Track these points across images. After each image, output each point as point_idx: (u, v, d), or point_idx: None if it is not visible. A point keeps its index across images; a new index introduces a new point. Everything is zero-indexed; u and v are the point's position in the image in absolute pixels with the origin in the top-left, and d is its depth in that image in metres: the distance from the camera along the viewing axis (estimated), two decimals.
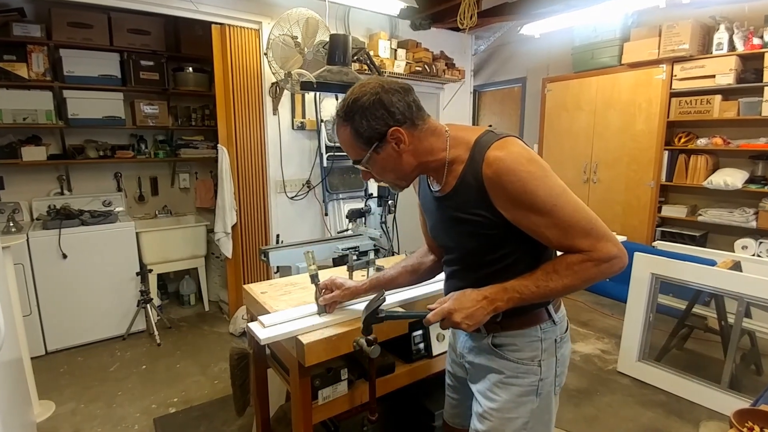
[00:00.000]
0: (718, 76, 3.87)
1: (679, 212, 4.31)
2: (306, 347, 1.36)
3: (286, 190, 3.83)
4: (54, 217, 3.44)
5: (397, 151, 1.16)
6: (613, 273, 1.09)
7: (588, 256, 1.07)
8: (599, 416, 2.65)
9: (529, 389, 1.23)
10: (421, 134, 1.17)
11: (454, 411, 1.53)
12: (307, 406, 1.50)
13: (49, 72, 3.67)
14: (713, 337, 3.16)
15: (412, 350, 1.77)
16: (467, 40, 5.07)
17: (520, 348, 1.23)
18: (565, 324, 1.30)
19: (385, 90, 1.13)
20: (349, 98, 1.15)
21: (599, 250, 1.06)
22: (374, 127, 1.13)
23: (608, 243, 1.07)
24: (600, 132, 4.74)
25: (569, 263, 1.09)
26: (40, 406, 2.69)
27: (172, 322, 3.99)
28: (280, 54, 3.16)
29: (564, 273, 1.09)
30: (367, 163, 1.19)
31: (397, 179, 1.23)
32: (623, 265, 1.09)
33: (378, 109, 1.12)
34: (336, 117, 1.19)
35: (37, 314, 3.31)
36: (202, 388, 2.95)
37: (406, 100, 1.14)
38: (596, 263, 1.07)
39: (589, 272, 1.08)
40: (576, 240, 1.07)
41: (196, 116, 4.64)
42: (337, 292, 1.51)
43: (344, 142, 1.20)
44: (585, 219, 1.08)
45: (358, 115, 1.13)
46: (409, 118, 1.15)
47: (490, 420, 1.26)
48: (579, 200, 1.09)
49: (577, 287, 1.11)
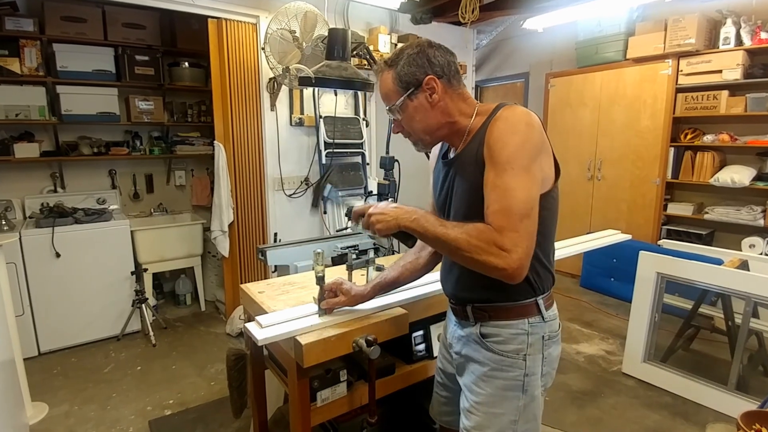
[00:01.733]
0: (725, 71, 3.86)
1: (685, 210, 4.30)
2: (304, 348, 1.36)
3: (284, 187, 3.83)
4: (47, 215, 3.44)
5: (429, 101, 1.24)
6: (490, 268, 1.07)
7: (490, 232, 1.07)
8: (604, 418, 2.64)
9: (513, 383, 1.26)
10: (454, 95, 1.26)
11: (443, 409, 1.56)
12: (306, 408, 1.49)
13: (42, 67, 3.66)
14: (720, 338, 3.16)
15: (412, 351, 1.77)
16: (469, 34, 5.07)
17: (506, 340, 1.26)
18: (555, 324, 1.32)
19: (431, 45, 1.25)
20: (397, 49, 1.28)
21: (503, 236, 1.05)
22: (414, 73, 1.22)
23: (516, 238, 1.05)
24: (604, 128, 4.74)
25: (476, 226, 1.10)
26: (33, 408, 2.68)
27: (167, 322, 3.99)
28: (278, 49, 3.15)
29: (465, 229, 1.10)
30: (399, 108, 1.26)
31: (423, 133, 1.29)
32: (509, 271, 1.05)
33: (421, 58, 1.22)
34: (382, 64, 1.29)
35: (29, 314, 3.31)
36: (198, 389, 2.95)
37: (447, 59, 1.25)
38: (487, 244, 1.06)
39: (478, 246, 1.07)
40: (497, 214, 1.08)
41: (192, 112, 4.64)
42: (342, 299, 1.52)
43: (384, 88, 1.29)
44: (520, 203, 1.07)
45: (402, 61, 1.23)
46: (446, 74, 1.24)
47: (476, 415, 1.29)
48: (532, 190, 1.10)
49: (461, 250, 1.10)
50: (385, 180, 2.88)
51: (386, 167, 2.86)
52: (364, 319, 1.52)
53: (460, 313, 1.36)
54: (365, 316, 1.53)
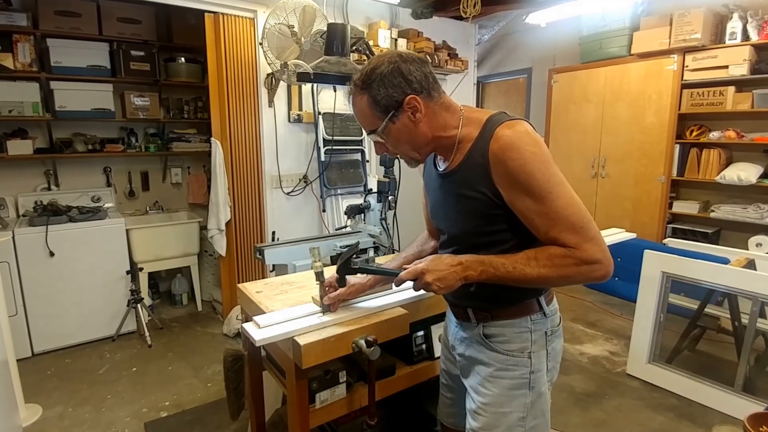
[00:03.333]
0: (731, 67, 3.84)
1: (691, 208, 4.29)
2: (303, 349, 1.35)
3: (282, 185, 3.82)
4: (41, 213, 3.43)
5: (412, 120, 1.20)
6: (592, 278, 1.10)
7: (571, 253, 1.09)
8: (608, 420, 2.64)
9: (520, 382, 1.26)
10: (436, 107, 1.22)
11: (449, 410, 1.56)
12: (304, 410, 1.49)
13: (35, 62, 3.65)
14: (726, 339, 3.15)
15: (413, 352, 1.76)
16: (471, 29, 5.05)
17: (510, 339, 1.27)
18: (557, 318, 1.33)
19: (403, 59, 1.18)
20: (366, 68, 1.20)
21: (584, 250, 1.08)
22: (391, 95, 1.17)
23: (595, 246, 1.09)
24: (609, 125, 4.73)
25: (551, 254, 1.10)
26: (27, 410, 2.68)
27: (163, 322, 3.98)
28: (276, 44, 3.15)
29: (543, 262, 1.10)
30: (382, 133, 1.22)
31: (412, 151, 1.27)
32: (605, 274, 1.09)
33: (396, 77, 1.16)
34: (353, 86, 1.23)
35: (23, 314, 3.30)
36: (194, 391, 2.95)
37: (423, 71, 1.19)
38: (577, 262, 1.08)
39: (568, 269, 1.09)
40: (563, 233, 1.09)
41: (188, 108, 4.63)
42: (342, 290, 1.52)
43: (360, 112, 1.24)
44: (577, 215, 1.09)
45: (376, 83, 1.17)
46: (425, 89, 1.19)
47: (483, 416, 1.29)
48: (575, 196, 1.12)
49: (551, 281, 1.12)
50: (385, 177, 2.88)
51: (386, 165, 2.85)
52: (364, 319, 1.51)
53: (461, 315, 1.36)
54: (365, 316, 1.52)
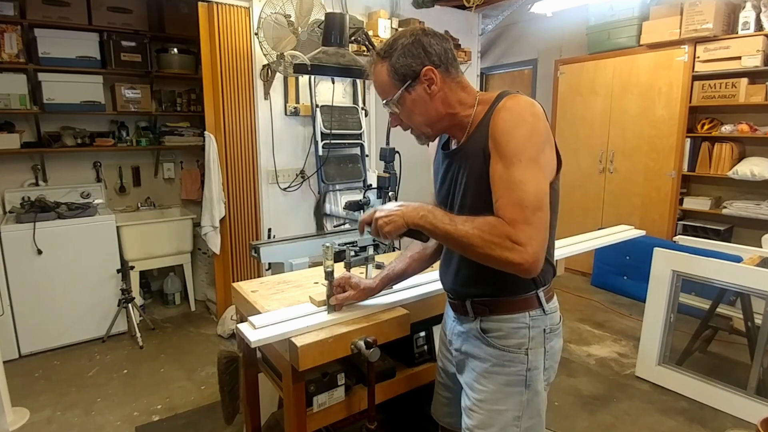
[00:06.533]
0: (744, 58, 3.83)
1: (702, 205, 4.29)
2: (300, 350, 1.35)
3: (278, 180, 3.81)
4: (28, 209, 3.43)
5: (428, 93, 1.23)
6: (509, 261, 1.06)
7: (502, 225, 1.07)
8: (616, 424, 2.64)
9: (516, 379, 1.27)
10: (453, 83, 1.26)
11: (446, 410, 1.56)
12: (301, 414, 1.48)
13: (22, 53, 3.64)
14: (739, 339, 3.15)
15: (414, 353, 1.76)
16: (474, 19, 5.03)
17: (507, 334, 1.28)
18: (556, 317, 1.34)
19: (426, 33, 1.24)
20: (390, 39, 1.27)
21: (516, 228, 1.06)
22: (410, 64, 1.22)
23: (528, 230, 1.06)
24: (617, 118, 4.72)
25: (487, 221, 1.10)
26: (14, 414, 2.67)
27: (155, 323, 3.98)
28: (272, 34, 3.13)
29: (476, 224, 1.10)
30: (397, 102, 1.26)
31: (424, 126, 1.30)
32: (523, 263, 1.05)
33: (416, 48, 1.22)
34: (375, 56, 1.28)
35: (9, 315, 3.30)
36: (187, 394, 2.95)
37: (443, 46, 1.24)
38: (502, 236, 1.06)
39: (492, 239, 1.07)
40: (508, 206, 1.09)
41: (181, 101, 4.62)
42: (351, 293, 1.54)
43: (379, 81, 1.28)
44: (530, 195, 1.08)
45: (397, 52, 1.22)
46: (444, 63, 1.23)
47: (478, 413, 1.30)
48: (541, 181, 1.11)
49: (475, 247, 1.10)
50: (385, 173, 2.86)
51: (386, 159, 2.83)
52: (364, 319, 1.51)
53: (459, 309, 1.37)
54: (364, 317, 1.52)
